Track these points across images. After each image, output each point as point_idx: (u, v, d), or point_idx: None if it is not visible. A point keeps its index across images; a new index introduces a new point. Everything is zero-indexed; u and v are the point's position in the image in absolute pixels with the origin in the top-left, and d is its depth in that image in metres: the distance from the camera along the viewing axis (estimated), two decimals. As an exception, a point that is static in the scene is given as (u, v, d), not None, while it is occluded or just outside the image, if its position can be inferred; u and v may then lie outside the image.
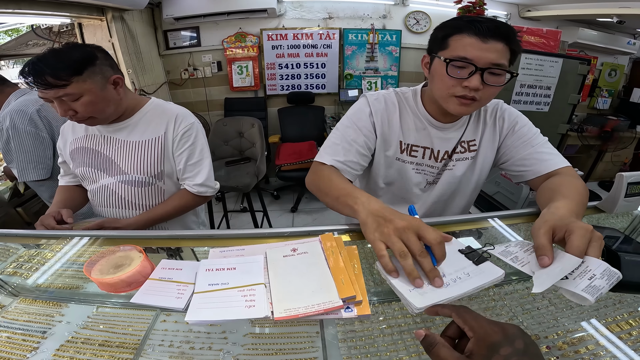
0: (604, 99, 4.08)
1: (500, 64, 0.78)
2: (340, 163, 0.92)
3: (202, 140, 1.17)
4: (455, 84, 0.81)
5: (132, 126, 1.11)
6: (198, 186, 1.16)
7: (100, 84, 0.96)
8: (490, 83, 0.80)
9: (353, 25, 3.64)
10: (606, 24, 3.50)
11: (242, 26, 3.56)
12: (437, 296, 0.53)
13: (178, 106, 1.17)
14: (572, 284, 0.51)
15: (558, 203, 0.70)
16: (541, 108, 2.83)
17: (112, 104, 1.02)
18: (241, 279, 0.62)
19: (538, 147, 0.93)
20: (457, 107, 0.84)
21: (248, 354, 0.57)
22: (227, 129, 2.67)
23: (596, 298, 0.48)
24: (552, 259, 0.55)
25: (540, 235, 0.58)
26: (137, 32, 3.08)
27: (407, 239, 0.58)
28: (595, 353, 0.54)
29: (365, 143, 0.96)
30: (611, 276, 0.50)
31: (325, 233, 0.74)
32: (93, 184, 1.15)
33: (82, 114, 0.96)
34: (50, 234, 0.86)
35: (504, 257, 0.62)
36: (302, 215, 3.43)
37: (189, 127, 1.13)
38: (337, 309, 0.55)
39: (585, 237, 0.55)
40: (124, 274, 0.61)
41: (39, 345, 0.58)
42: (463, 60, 0.78)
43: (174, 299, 0.59)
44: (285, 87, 3.85)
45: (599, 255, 0.54)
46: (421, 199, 1.06)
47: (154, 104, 1.15)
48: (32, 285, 0.72)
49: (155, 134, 1.10)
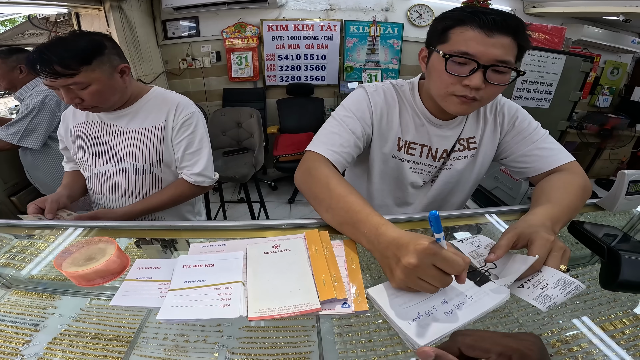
0: (605, 97, 4.06)
1: (506, 60, 0.70)
2: (336, 154, 0.83)
3: (202, 130, 1.16)
4: (455, 82, 0.75)
5: (133, 114, 1.10)
6: (195, 175, 1.15)
7: (108, 73, 0.96)
8: (493, 82, 0.73)
9: (355, 18, 3.60)
10: (612, 22, 3.47)
11: (242, 16, 3.51)
12: (441, 328, 0.49)
13: (180, 95, 1.17)
14: (525, 293, 0.54)
15: (538, 209, 0.71)
16: (542, 104, 2.83)
17: (118, 92, 1.02)
18: (219, 276, 0.61)
19: (539, 143, 0.90)
20: (457, 106, 0.78)
21: (243, 347, 0.57)
22: (225, 119, 2.65)
23: (549, 307, 0.50)
24: (498, 258, 0.59)
25: (503, 237, 0.62)
26: (135, 22, 3.04)
27: (425, 275, 0.51)
28: (588, 352, 0.54)
29: (362, 135, 0.89)
30: (567, 285, 0.51)
31: (311, 229, 0.73)
32: (90, 170, 1.14)
33: (88, 102, 0.96)
34: (44, 224, 0.85)
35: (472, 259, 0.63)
36: (300, 206, 3.42)
37: (189, 116, 1.12)
38: (315, 311, 0.54)
39: (545, 247, 0.57)
40: (95, 266, 0.60)
41: (32, 338, 0.57)
42: (464, 56, 0.71)
43: (157, 298, 0.58)
44: (284, 78, 3.82)
45: (557, 265, 0.56)
46: (417, 198, 1.03)
47: (156, 92, 1.14)
48: (26, 277, 0.71)
49: (156, 121, 1.10)
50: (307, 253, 0.66)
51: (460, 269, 0.50)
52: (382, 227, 0.60)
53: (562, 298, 0.50)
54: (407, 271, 0.52)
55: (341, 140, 0.85)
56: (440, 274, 0.51)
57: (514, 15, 0.71)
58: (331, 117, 0.92)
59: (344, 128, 0.87)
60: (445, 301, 0.54)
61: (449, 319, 0.51)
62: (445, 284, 0.52)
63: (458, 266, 0.50)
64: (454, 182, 1.00)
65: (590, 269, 0.73)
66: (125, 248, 0.78)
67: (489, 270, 0.60)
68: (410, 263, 0.51)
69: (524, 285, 0.55)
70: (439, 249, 0.50)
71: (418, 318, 0.51)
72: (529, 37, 0.74)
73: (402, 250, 0.53)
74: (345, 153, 0.85)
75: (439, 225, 0.49)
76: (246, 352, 0.56)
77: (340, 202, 0.70)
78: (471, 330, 0.44)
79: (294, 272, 0.61)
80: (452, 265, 0.50)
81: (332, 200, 0.71)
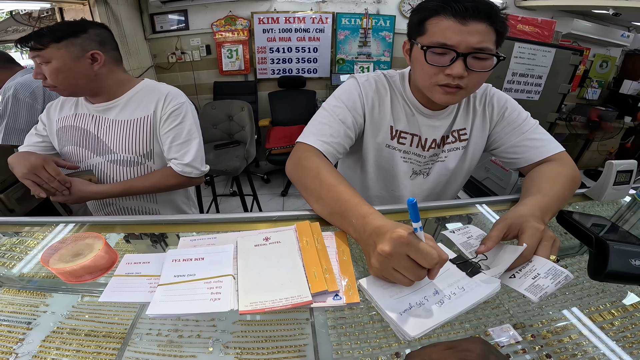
0: (594, 89, 4.11)
1: (484, 47, 0.71)
2: (327, 145, 0.83)
3: (192, 121, 1.15)
4: (437, 72, 0.75)
5: (121, 105, 1.09)
6: (183, 165, 1.12)
7: (74, 54, 0.96)
8: (474, 69, 0.73)
9: (346, 10, 3.57)
10: (601, 16, 3.49)
11: (232, 9, 3.46)
12: (433, 319, 0.49)
13: (170, 86, 1.15)
14: (516, 283, 0.54)
15: (528, 200, 0.72)
16: (532, 97, 2.86)
17: (82, 77, 1.00)
18: (209, 269, 0.61)
19: (529, 134, 0.90)
20: (442, 96, 0.78)
21: (237, 341, 0.57)
22: (216, 112, 2.62)
23: (540, 297, 0.50)
24: (488, 249, 0.59)
25: (494, 228, 0.62)
26: (121, 16, 2.97)
27: (399, 265, 0.51)
28: (578, 343, 0.55)
29: (353, 125, 0.89)
30: (557, 275, 0.52)
31: (302, 221, 0.72)
32: (80, 163, 1.13)
33: (50, 80, 0.98)
34: (35, 220, 0.83)
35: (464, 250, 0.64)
36: (293, 199, 3.42)
37: (178, 107, 1.10)
38: (306, 304, 0.54)
39: (535, 237, 0.58)
40: (82, 262, 0.59)
41: (25, 336, 0.57)
42: (442, 47, 0.72)
43: (146, 293, 0.57)
44: (276, 71, 3.79)
45: (548, 255, 0.56)
46: (410, 190, 1.03)
47: (146, 84, 1.13)
48: (16, 275, 0.70)
49: (145, 112, 1.08)
50: (298, 245, 0.66)
51: (433, 262, 0.49)
52: (369, 216, 0.60)
53: (552, 288, 0.50)
54: (381, 259, 0.52)
55: (331, 130, 0.85)
56: (413, 266, 0.50)
57: (487, 1, 0.71)
58: (322, 108, 0.92)
59: (334, 118, 0.87)
60: (437, 292, 0.54)
61: (440, 310, 0.51)
62: (418, 277, 0.51)
63: (431, 259, 0.49)
64: (448, 175, 1.01)
65: (579, 260, 0.74)
66: (115, 244, 0.77)
67: (480, 261, 0.61)
68: (384, 250, 0.51)
69: (515, 275, 0.55)
70: (414, 240, 0.49)
71: (409, 309, 0.51)
72: (505, 21, 0.73)
73: (380, 238, 0.53)
74: (335, 143, 0.85)
75: (417, 214, 0.47)
76: (241, 345, 0.56)
77: (330, 192, 0.70)
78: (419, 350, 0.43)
79: (284, 264, 0.61)
80: (425, 257, 0.48)
81: (322, 190, 0.71)
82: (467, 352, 0.38)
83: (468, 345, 0.39)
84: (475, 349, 0.39)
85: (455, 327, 0.57)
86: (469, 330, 0.57)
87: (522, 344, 0.54)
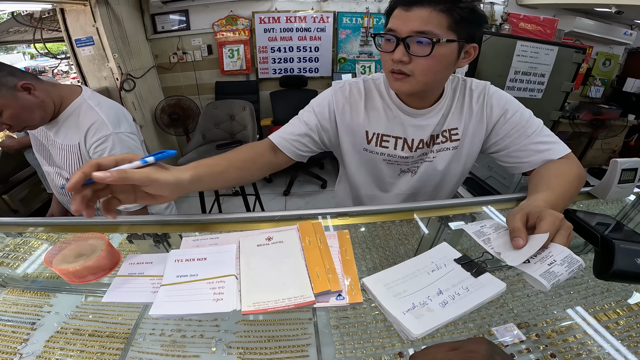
0: (597, 87, 4.09)
1: (423, 31, 0.71)
2: (283, 140, 0.90)
3: (119, 150, 1.08)
4: (387, 59, 0.78)
5: (57, 127, 1.09)
6: None
7: (9, 95, 0.93)
8: (414, 53, 0.73)
9: (347, 9, 3.56)
10: (604, 14, 3.47)
11: (233, 9, 3.46)
12: (436, 319, 0.49)
13: (97, 114, 1.08)
14: (531, 268, 0.51)
15: (538, 195, 0.70)
16: (534, 95, 2.84)
17: (35, 108, 0.99)
18: (211, 270, 0.60)
19: (534, 137, 0.86)
20: (394, 83, 0.81)
21: (240, 341, 0.57)
22: (217, 112, 2.63)
23: (553, 284, 0.48)
24: (526, 241, 0.55)
25: (515, 220, 0.59)
26: (122, 17, 2.97)
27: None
28: (583, 342, 0.55)
29: (317, 127, 0.93)
30: (572, 263, 0.50)
31: (305, 221, 0.72)
32: (41, 167, 1.22)
33: (14, 126, 0.97)
34: (38, 221, 0.84)
35: (477, 237, 0.62)
36: (295, 198, 3.42)
37: (101, 141, 1.06)
38: (309, 304, 0.54)
39: (554, 224, 0.56)
40: (85, 262, 0.59)
41: (29, 337, 0.57)
42: (387, 33, 0.75)
43: (149, 294, 0.57)
44: (277, 70, 3.79)
45: (565, 244, 0.54)
46: (397, 187, 1.02)
47: (77, 104, 1.09)
48: (20, 275, 0.71)
49: (73, 141, 1.08)
50: (301, 245, 0.65)
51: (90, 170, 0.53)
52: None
53: (565, 276, 0.49)
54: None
55: (292, 129, 0.92)
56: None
57: None
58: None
59: (299, 121, 0.94)
60: (441, 292, 0.54)
61: (443, 310, 0.51)
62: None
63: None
64: (439, 176, 0.98)
65: (584, 259, 0.72)
66: (118, 244, 0.77)
67: (485, 261, 0.60)
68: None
69: (529, 260, 0.53)
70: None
71: (413, 308, 0.51)
72: (466, 6, 0.72)
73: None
74: (293, 140, 0.91)
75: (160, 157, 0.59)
76: (244, 345, 0.56)
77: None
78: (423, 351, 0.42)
79: (287, 264, 0.61)
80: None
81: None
82: (472, 353, 0.38)
83: (473, 346, 0.39)
84: (481, 349, 0.38)
85: (458, 326, 0.57)
86: (472, 329, 0.57)
87: (527, 343, 0.54)
